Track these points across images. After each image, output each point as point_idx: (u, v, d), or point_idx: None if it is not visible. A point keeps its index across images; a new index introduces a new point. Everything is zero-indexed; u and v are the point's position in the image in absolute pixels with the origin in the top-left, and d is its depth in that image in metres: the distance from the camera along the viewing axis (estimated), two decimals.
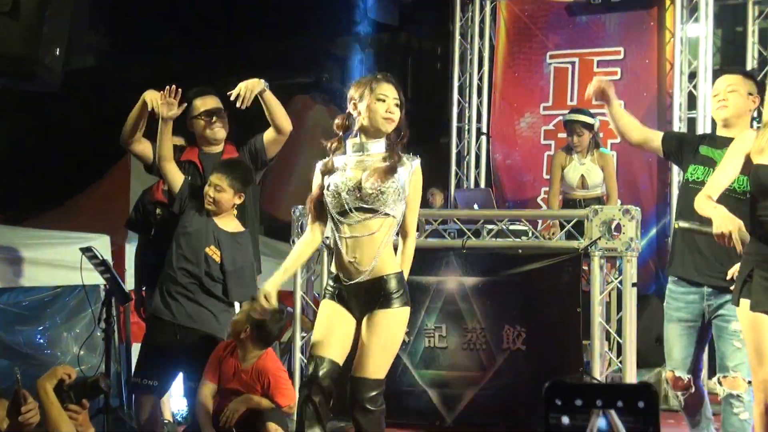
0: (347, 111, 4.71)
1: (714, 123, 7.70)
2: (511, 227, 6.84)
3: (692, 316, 5.15)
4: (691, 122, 8.22)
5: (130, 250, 7.50)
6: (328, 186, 4.61)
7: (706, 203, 4.51)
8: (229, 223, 5.81)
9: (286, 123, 5.88)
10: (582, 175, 8.02)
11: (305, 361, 6.98)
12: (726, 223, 4.30)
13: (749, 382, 4.93)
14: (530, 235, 6.73)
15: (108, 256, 7.13)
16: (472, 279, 6.56)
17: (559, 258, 6.29)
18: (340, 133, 4.72)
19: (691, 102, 8.30)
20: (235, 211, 5.85)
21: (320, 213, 4.72)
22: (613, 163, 8.14)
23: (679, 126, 8.12)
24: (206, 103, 6.13)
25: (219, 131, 6.12)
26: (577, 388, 2.18)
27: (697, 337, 5.16)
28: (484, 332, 6.55)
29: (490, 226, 6.90)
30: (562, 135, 8.35)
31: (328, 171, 4.65)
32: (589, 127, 7.96)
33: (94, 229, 7.77)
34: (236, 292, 5.74)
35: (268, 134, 5.95)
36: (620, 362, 6.17)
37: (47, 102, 12.11)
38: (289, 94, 11.35)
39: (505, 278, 6.53)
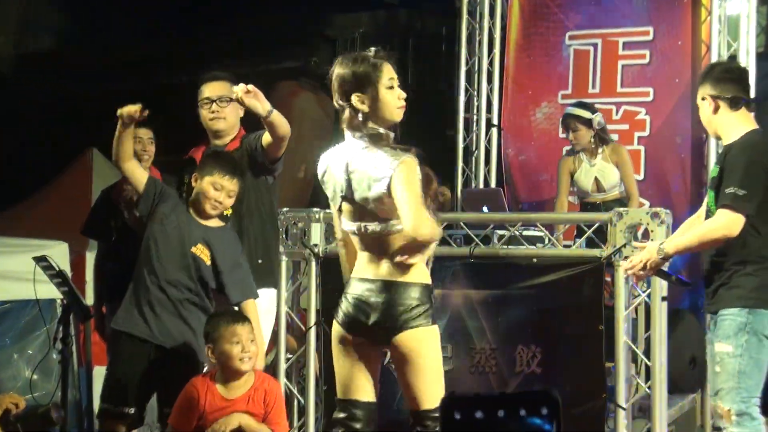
0: (348, 101, 4.55)
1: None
2: (525, 233, 6.82)
3: None
4: None
5: (92, 259, 7.49)
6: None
7: None
8: (211, 219, 5.84)
9: (285, 130, 5.87)
10: (596, 178, 8.07)
11: (290, 386, 6.99)
12: None
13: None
14: (547, 242, 6.70)
15: (66, 267, 7.11)
16: (480, 292, 6.53)
17: (579, 268, 6.25)
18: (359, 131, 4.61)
19: None
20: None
21: None
22: (628, 158, 8.13)
23: None
24: (211, 89, 6.21)
25: (217, 122, 6.19)
26: (475, 400, 2.27)
27: None
28: (494, 353, 6.52)
29: (501, 232, 6.88)
30: None
31: None
32: (587, 122, 7.98)
33: (50, 236, 7.76)
34: (236, 293, 5.78)
35: (266, 138, 5.96)
36: (649, 387, 6.13)
37: None
38: (273, 79, 11.32)
39: (518, 291, 6.49)
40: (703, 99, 5.44)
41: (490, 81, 9.63)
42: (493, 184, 9.45)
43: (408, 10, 12.53)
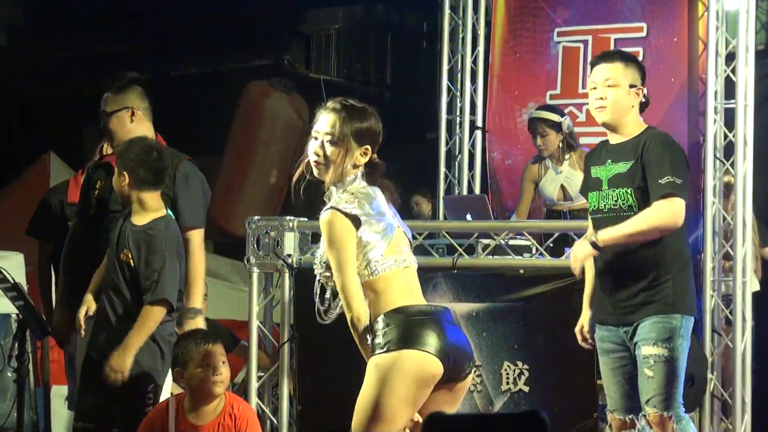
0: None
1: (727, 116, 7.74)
2: (512, 242, 6.85)
3: (620, 346, 5.52)
4: (729, 114, 8.18)
5: None
6: None
7: None
8: (145, 216, 5.85)
9: None
10: (561, 185, 8.10)
11: (262, 405, 7.00)
12: None
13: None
14: (534, 252, 6.73)
15: (21, 279, 7.11)
16: (464, 305, 6.56)
17: (568, 280, 6.28)
18: None
19: (729, 89, 8.29)
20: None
21: None
22: None
23: (714, 118, 8.09)
24: (104, 102, 6.38)
25: (112, 135, 6.33)
26: (460, 420, 2.33)
27: (633, 370, 5.48)
28: (479, 370, 6.56)
29: (486, 241, 6.91)
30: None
31: None
32: (556, 126, 8.02)
33: (4, 246, 7.76)
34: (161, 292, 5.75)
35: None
36: None
37: None
38: (242, 79, 11.33)
39: (504, 304, 6.54)
40: (632, 86, 5.45)
41: (474, 80, 9.61)
42: (477, 191, 9.45)
43: (386, 5, 12.52)
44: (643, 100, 5.54)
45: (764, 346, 8.30)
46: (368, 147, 4.61)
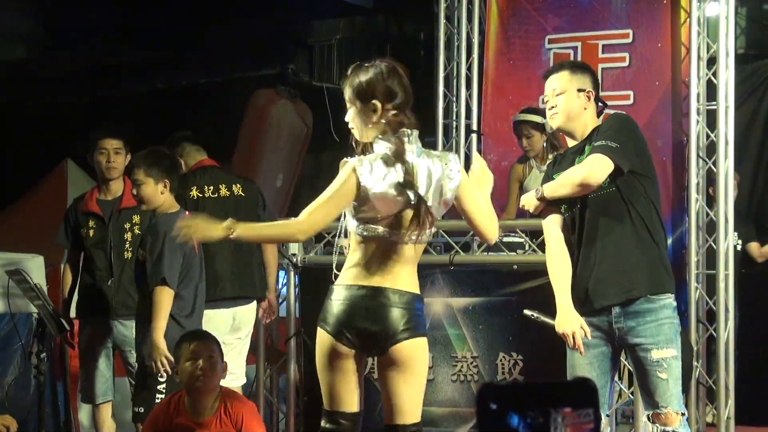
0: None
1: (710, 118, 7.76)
2: (506, 239, 6.87)
3: (599, 340, 5.27)
4: (711, 115, 8.22)
5: None
6: None
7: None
8: None
9: None
10: None
11: (270, 397, 7.03)
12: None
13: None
14: (527, 248, 6.76)
15: (42, 280, 7.14)
16: (461, 300, 6.58)
17: None
18: None
19: (711, 92, 8.33)
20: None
21: None
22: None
23: (697, 119, 8.13)
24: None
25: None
26: (512, 390, 2.29)
27: (610, 365, 5.29)
28: (476, 361, 6.58)
29: None
30: None
31: None
32: (540, 127, 8.01)
33: (25, 248, 7.77)
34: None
35: None
36: (632, 394, 6.19)
37: None
38: (249, 87, 11.35)
39: (499, 298, 6.56)
40: (581, 90, 5.25)
41: (468, 86, 9.61)
42: None
43: (385, 16, 12.52)
44: (601, 105, 5.38)
45: (746, 335, 8.32)
46: (375, 102, 4.48)
